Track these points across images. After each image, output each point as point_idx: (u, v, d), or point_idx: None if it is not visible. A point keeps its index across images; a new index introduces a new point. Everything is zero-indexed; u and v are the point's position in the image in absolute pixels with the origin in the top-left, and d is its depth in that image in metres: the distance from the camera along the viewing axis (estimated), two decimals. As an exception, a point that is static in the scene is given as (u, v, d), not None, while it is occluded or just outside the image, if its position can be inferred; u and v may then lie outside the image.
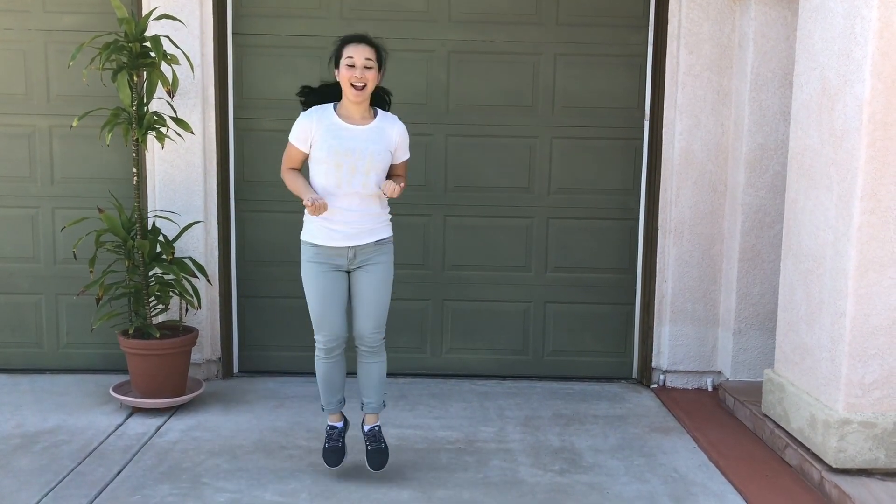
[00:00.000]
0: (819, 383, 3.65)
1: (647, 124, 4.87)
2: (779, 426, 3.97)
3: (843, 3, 3.50)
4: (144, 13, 4.46)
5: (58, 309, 4.94)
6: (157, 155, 4.67)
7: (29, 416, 4.21)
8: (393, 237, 3.50)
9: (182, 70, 4.42)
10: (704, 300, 4.84)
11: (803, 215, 3.83)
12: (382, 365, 3.53)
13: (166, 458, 3.71)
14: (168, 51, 4.22)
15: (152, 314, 4.38)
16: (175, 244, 4.41)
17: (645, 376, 4.97)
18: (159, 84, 4.18)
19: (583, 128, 4.90)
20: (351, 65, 3.24)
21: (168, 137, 4.40)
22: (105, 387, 4.57)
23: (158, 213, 4.63)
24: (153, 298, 4.37)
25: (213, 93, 4.69)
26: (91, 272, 4.25)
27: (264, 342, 5.02)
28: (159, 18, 4.28)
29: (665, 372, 4.91)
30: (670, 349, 4.87)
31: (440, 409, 4.46)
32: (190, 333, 4.42)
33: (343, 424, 3.62)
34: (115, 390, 4.34)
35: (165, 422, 4.17)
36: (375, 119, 3.36)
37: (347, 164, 3.26)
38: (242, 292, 4.98)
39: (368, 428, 3.54)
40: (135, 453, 3.76)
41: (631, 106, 4.89)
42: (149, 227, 4.41)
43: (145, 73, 4.24)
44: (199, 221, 4.69)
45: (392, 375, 4.43)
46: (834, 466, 3.48)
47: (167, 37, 4.34)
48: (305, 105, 3.41)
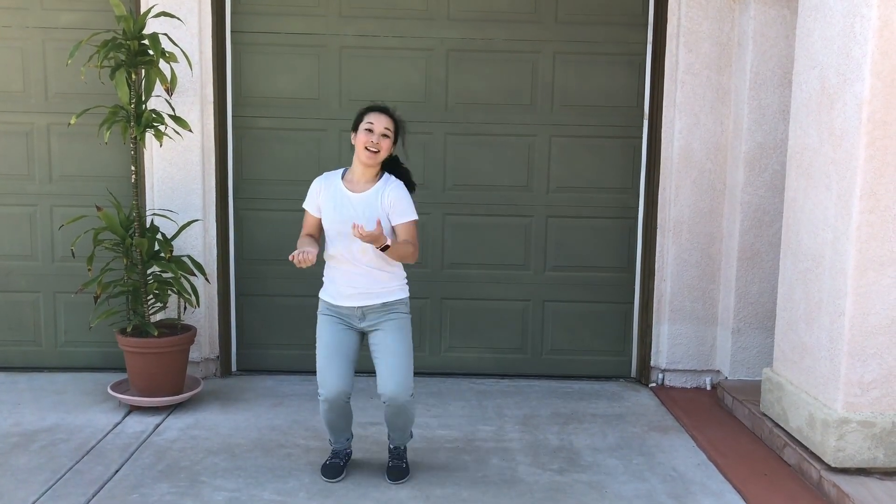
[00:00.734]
0: (818, 382, 3.65)
1: (647, 123, 4.87)
2: (777, 425, 3.97)
3: (843, 2, 3.49)
4: (143, 11, 4.45)
5: (56, 307, 4.93)
6: (156, 153, 4.67)
7: (27, 415, 4.20)
8: (408, 298, 3.41)
9: (180, 68, 4.41)
10: (703, 299, 4.84)
11: (802, 214, 3.83)
12: (408, 418, 3.45)
13: (164, 457, 3.71)
14: (166, 49, 4.21)
15: (150, 312, 4.37)
16: (173, 242, 4.41)
17: (644, 375, 4.97)
18: (158, 82, 4.17)
19: (582, 126, 4.90)
20: (370, 129, 3.26)
21: (166, 135, 4.39)
22: (103, 385, 4.56)
23: (157, 212, 4.62)
24: (151, 297, 4.36)
25: (212, 91, 4.69)
26: (89, 270, 4.24)
27: (262, 340, 5.02)
28: (158, 16, 4.27)
29: (664, 371, 4.91)
30: (669, 348, 4.87)
31: (439, 408, 4.45)
32: (188, 332, 4.41)
33: (349, 451, 3.62)
34: (114, 388, 4.33)
35: (164, 420, 4.17)
36: (377, 184, 3.33)
37: (346, 232, 3.25)
38: (241, 290, 4.98)
39: (394, 446, 3.56)
40: (133, 452, 3.76)
41: (630, 104, 4.89)
42: (147, 226, 4.41)
43: (144, 71, 4.24)
44: (198, 220, 4.68)
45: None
46: (832, 465, 3.47)
47: (165, 34, 4.33)
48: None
